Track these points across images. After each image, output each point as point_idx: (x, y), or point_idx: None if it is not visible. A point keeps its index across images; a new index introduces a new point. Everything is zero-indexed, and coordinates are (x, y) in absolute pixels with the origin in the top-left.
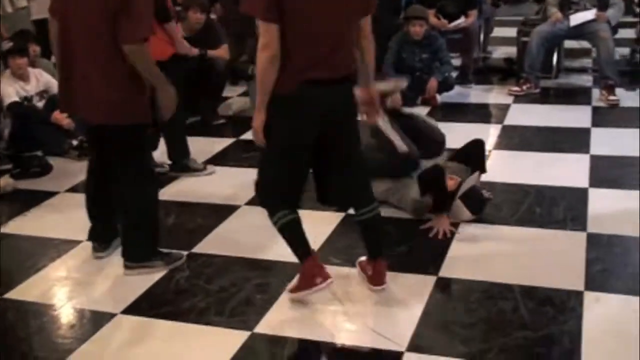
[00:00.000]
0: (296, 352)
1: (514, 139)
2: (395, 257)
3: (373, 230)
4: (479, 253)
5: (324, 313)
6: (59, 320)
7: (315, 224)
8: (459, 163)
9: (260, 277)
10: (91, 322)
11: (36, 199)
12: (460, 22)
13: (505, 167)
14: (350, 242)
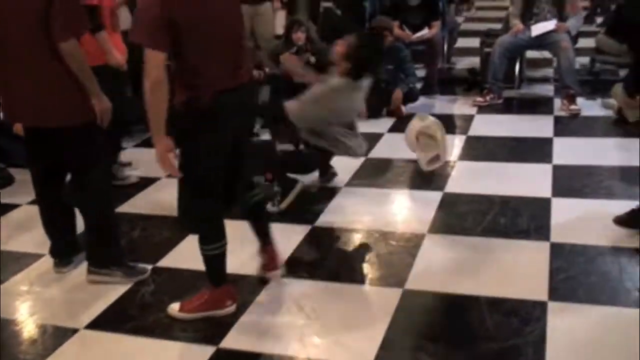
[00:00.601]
0: None
1: (478, 149)
2: (361, 270)
3: (260, 217)
4: (445, 264)
5: (290, 328)
6: (21, 336)
7: (282, 238)
8: None
9: None
10: (53, 337)
11: None
12: (424, 34)
13: (470, 178)
14: (317, 256)
